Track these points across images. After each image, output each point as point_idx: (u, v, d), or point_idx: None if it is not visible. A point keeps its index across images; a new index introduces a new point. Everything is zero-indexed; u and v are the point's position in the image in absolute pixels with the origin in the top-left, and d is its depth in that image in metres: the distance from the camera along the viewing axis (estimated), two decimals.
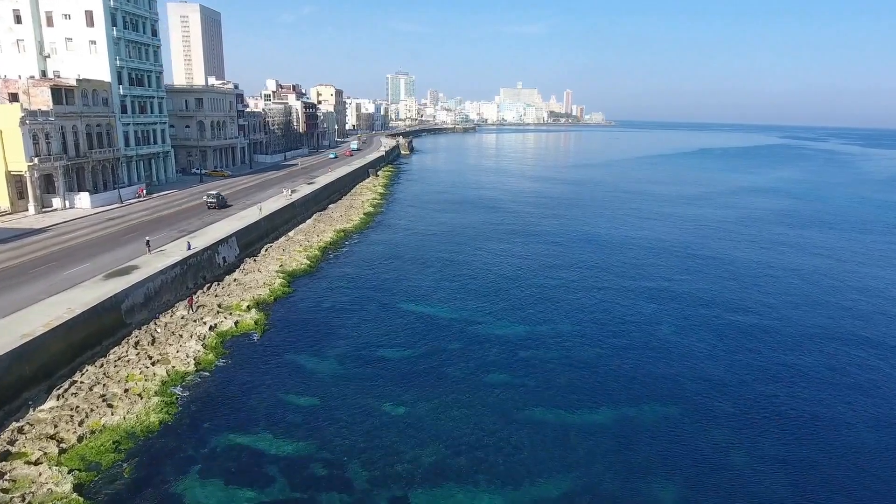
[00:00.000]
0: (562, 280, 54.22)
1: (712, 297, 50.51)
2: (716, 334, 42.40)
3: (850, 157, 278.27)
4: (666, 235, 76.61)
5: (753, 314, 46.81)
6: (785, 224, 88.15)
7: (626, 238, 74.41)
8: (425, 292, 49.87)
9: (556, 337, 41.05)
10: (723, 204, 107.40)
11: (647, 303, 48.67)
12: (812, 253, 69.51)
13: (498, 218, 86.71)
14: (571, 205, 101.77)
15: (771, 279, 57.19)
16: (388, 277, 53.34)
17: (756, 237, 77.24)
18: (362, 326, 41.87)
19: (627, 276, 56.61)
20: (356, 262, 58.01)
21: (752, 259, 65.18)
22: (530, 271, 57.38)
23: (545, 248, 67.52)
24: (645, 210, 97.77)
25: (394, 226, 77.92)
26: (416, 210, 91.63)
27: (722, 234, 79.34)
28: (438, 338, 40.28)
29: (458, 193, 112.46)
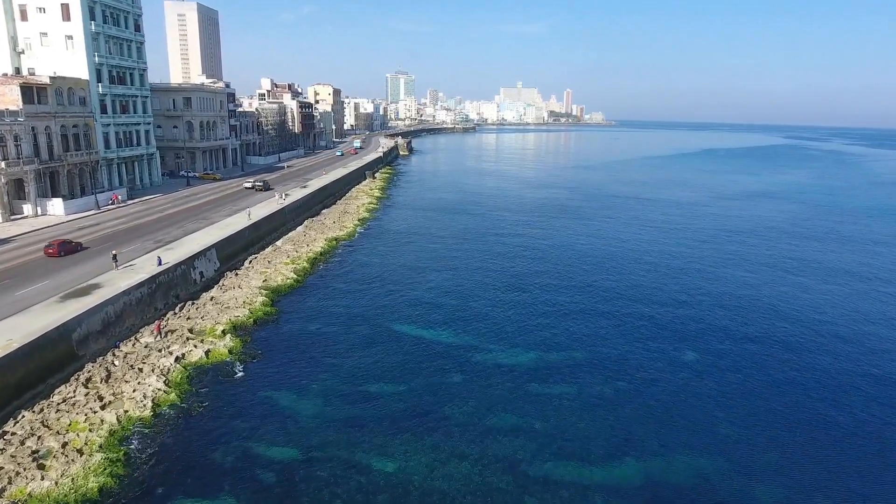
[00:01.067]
0: (573, 300, 49.07)
1: (739, 327, 45.28)
2: (746, 367, 37.66)
3: (858, 159, 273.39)
4: (685, 251, 69.21)
5: (793, 349, 41.83)
6: (815, 238, 79.93)
7: (641, 252, 67.71)
8: (422, 312, 45.04)
9: (570, 367, 36.33)
10: (742, 213, 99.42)
11: (670, 328, 43.60)
12: (849, 273, 63.93)
13: (501, 227, 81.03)
14: (579, 213, 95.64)
15: (808, 307, 51.97)
16: (381, 294, 48.44)
17: (784, 255, 68.75)
18: (351, 354, 37.11)
19: (645, 297, 50.56)
20: (348, 276, 53.15)
21: (781, 282, 57.55)
22: (538, 289, 52.17)
23: (553, 262, 61.68)
24: (659, 220, 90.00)
25: (390, 233, 72.93)
26: (413, 216, 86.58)
27: (747, 250, 70.33)
28: (436, 368, 35.55)
29: (458, 198, 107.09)
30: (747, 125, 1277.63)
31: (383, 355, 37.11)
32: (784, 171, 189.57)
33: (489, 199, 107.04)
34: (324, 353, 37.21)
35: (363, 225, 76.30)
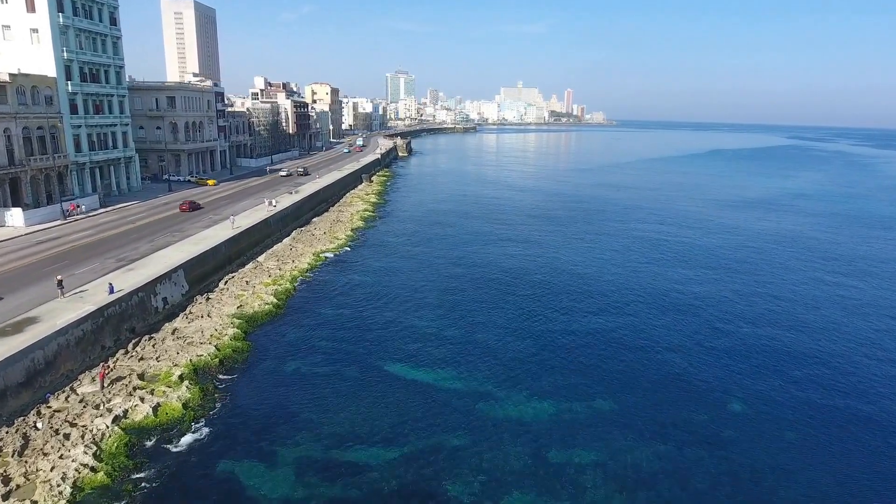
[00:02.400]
0: (591, 329, 42.52)
1: (792, 371, 39.03)
2: (808, 422, 31.42)
3: (868, 160, 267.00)
4: (716, 273, 59.38)
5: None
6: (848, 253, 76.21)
7: (665, 273, 58.63)
8: (419, 347, 38.61)
9: (594, 422, 30.01)
10: (770, 225, 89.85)
11: (712, 368, 37.17)
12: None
13: (504, 240, 73.00)
14: (591, 225, 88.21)
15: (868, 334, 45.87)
16: (373, 323, 41.97)
17: (821, 270, 64.60)
18: (333, 407, 30.77)
19: (678, 327, 43.57)
20: (335, 300, 46.64)
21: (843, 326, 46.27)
22: (550, 315, 45.31)
23: (566, 283, 54.05)
24: (682, 234, 79.26)
25: (385, 246, 66.10)
26: (410, 227, 79.29)
27: (789, 277, 59.50)
28: (436, 426, 29.25)
29: (459, 208, 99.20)
30: (748, 125, 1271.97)
31: (373, 407, 30.81)
32: (796, 174, 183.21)
33: (491, 208, 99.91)
34: (302, 404, 30.91)
35: (356, 236, 69.67)
